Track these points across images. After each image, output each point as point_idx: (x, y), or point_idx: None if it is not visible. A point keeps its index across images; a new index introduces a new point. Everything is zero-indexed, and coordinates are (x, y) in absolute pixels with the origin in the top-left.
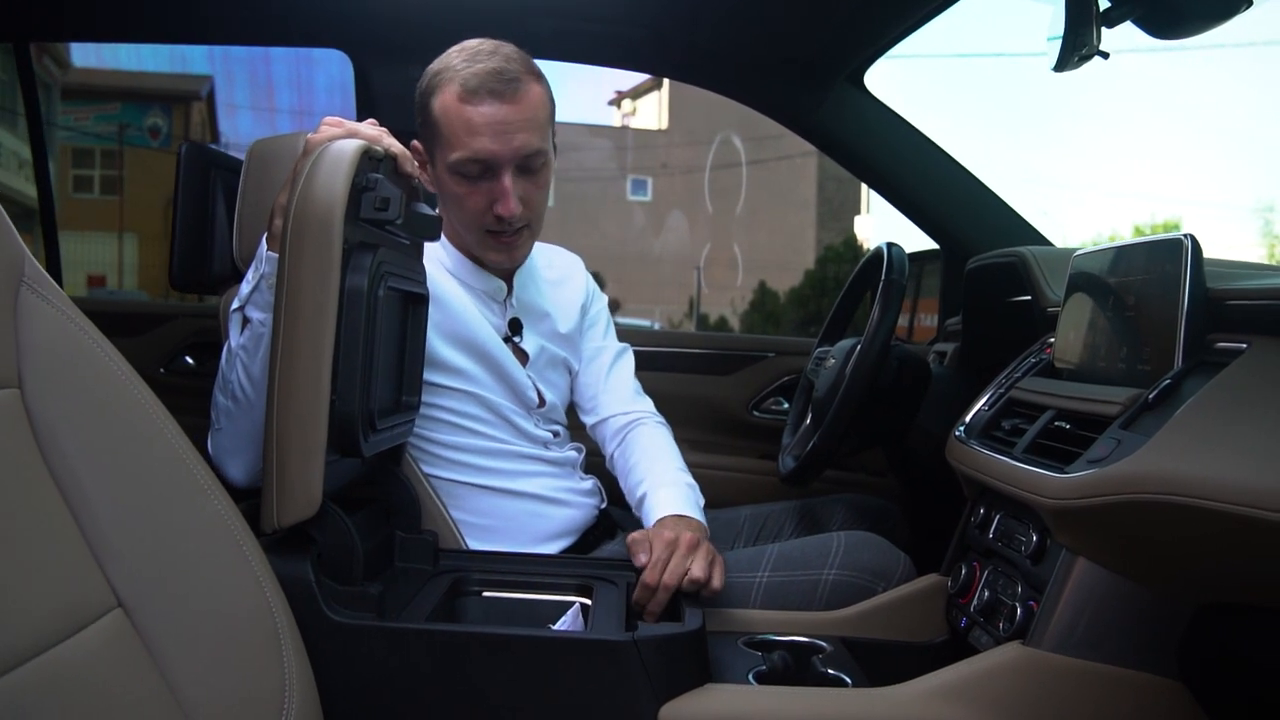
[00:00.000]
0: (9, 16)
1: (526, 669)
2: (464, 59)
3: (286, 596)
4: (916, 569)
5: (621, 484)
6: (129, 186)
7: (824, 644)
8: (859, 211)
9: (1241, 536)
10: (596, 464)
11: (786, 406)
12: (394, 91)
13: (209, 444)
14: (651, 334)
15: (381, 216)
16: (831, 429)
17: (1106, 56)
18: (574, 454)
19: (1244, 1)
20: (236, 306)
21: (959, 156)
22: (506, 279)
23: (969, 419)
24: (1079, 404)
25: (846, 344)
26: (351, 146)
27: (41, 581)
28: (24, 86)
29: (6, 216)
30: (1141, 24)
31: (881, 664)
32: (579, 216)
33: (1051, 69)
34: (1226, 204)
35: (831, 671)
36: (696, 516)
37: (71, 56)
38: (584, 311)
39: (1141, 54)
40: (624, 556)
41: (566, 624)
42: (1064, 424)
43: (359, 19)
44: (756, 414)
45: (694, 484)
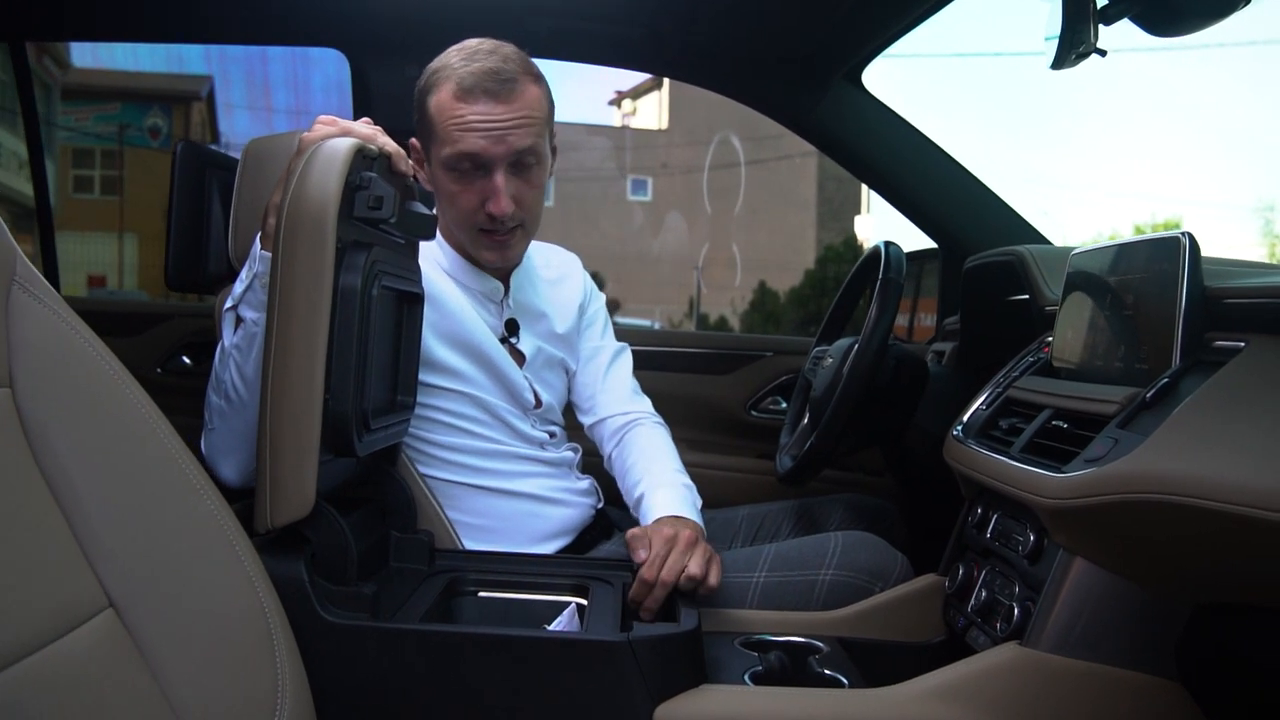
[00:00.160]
0: (5, 16)
1: (521, 670)
2: (462, 58)
3: (280, 597)
4: (914, 569)
5: (619, 484)
6: (129, 187)
7: (820, 644)
8: (859, 211)
9: (1239, 536)
10: (594, 464)
11: (784, 406)
12: (391, 91)
13: (202, 444)
14: (649, 333)
15: (375, 215)
16: (829, 428)
17: (1104, 54)
18: (570, 454)
19: None
20: (230, 306)
21: (959, 156)
22: (503, 279)
23: (966, 418)
24: (1076, 403)
25: (844, 343)
26: (345, 145)
27: (32, 581)
28: (20, 86)
29: None
30: (1139, 21)
31: (878, 664)
32: (579, 216)
33: (1049, 67)
34: (1227, 204)
35: (828, 672)
36: (693, 518)
37: (71, 57)
38: (581, 311)
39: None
40: (621, 556)
41: (562, 624)
42: (1061, 423)
43: (356, 18)
44: (754, 413)
45: (691, 485)
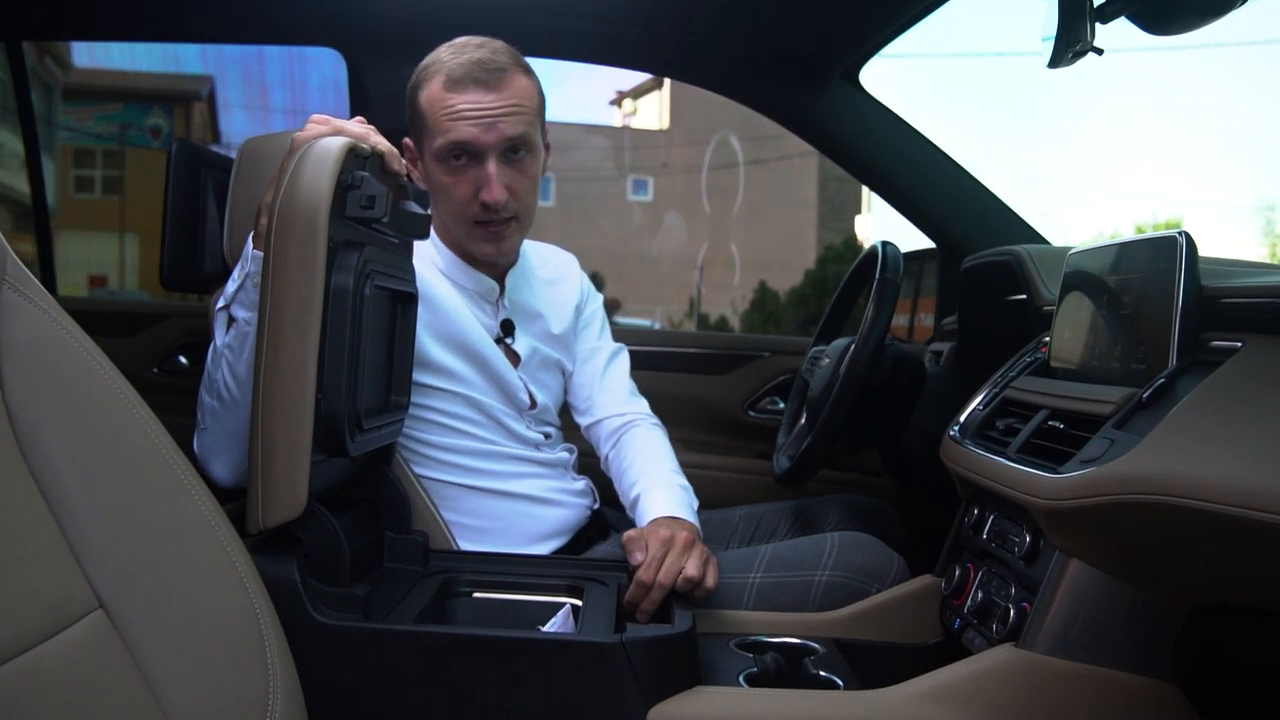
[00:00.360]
0: (2, 15)
1: (513, 671)
2: (451, 52)
3: (271, 597)
4: (912, 569)
5: (615, 485)
6: (130, 187)
7: (816, 646)
8: (860, 211)
9: (1235, 537)
10: (590, 464)
11: (782, 406)
12: (388, 90)
13: (195, 443)
14: (647, 333)
15: (367, 214)
16: (825, 429)
17: (1100, 53)
18: (566, 455)
19: None
20: (222, 305)
21: (959, 156)
22: (499, 279)
23: (963, 419)
24: (1073, 403)
25: (841, 343)
26: (337, 144)
27: (20, 582)
28: (17, 85)
29: None
30: (1136, 20)
31: (874, 666)
32: (579, 217)
33: (1046, 66)
34: (1228, 204)
35: (823, 674)
36: (690, 519)
37: (73, 57)
38: (578, 312)
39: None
40: (617, 557)
41: (557, 625)
42: (1058, 424)
43: (353, 17)
44: (752, 414)
45: (688, 486)
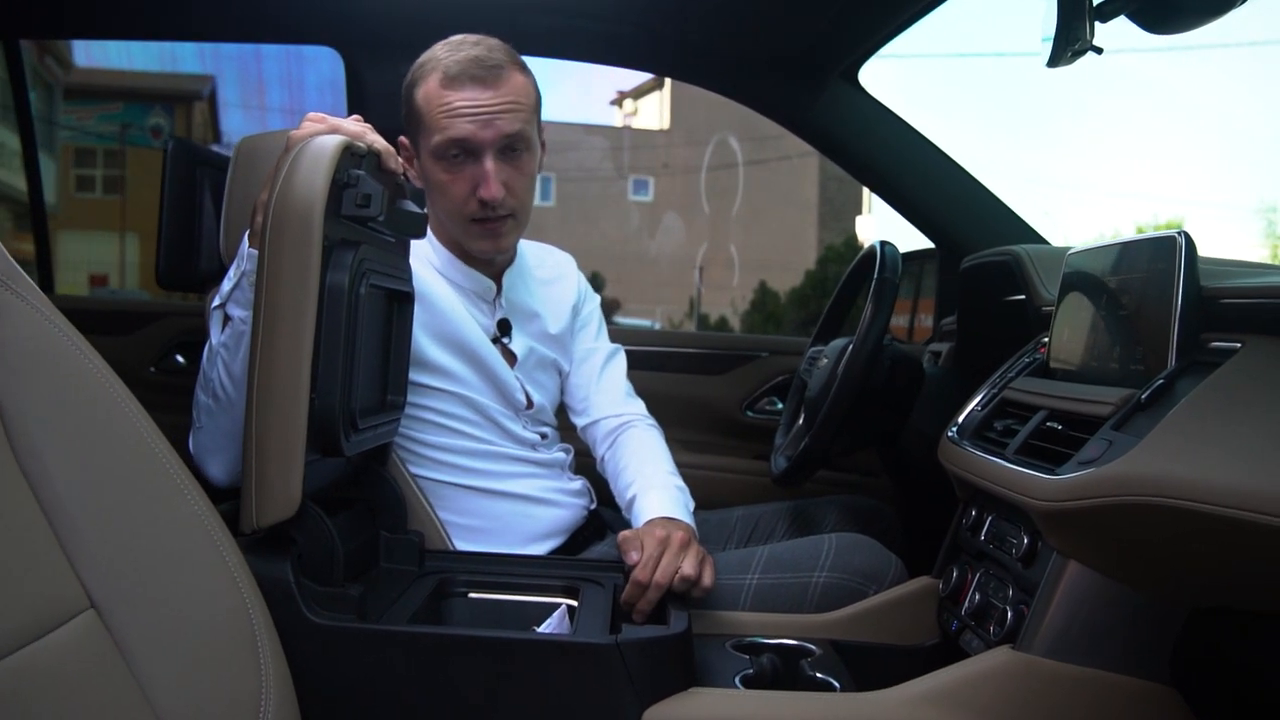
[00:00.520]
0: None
1: (507, 672)
2: (447, 50)
3: (265, 597)
4: (910, 571)
5: (611, 486)
6: (131, 186)
7: (813, 647)
8: (860, 211)
9: (1233, 539)
10: (587, 464)
11: (780, 406)
12: (385, 89)
13: (190, 443)
14: (645, 333)
15: (363, 213)
16: (823, 429)
17: (1100, 52)
18: (562, 455)
19: None
20: (217, 304)
21: (959, 156)
22: (496, 279)
23: (961, 419)
24: (1071, 404)
25: (839, 343)
26: (332, 142)
27: (11, 581)
28: (14, 84)
29: None
30: (1135, 18)
31: (871, 667)
32: (580, 217)
33: (1045, 65)
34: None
35: (820, 675)
36: (686, 520)
37: (74, 56)
38: (575, 312)
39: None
40: (613, 558)
41: (552, 626)
42: (1056, 425)
43: (350, 16)
44: (750, 414)
45: (684, 487)
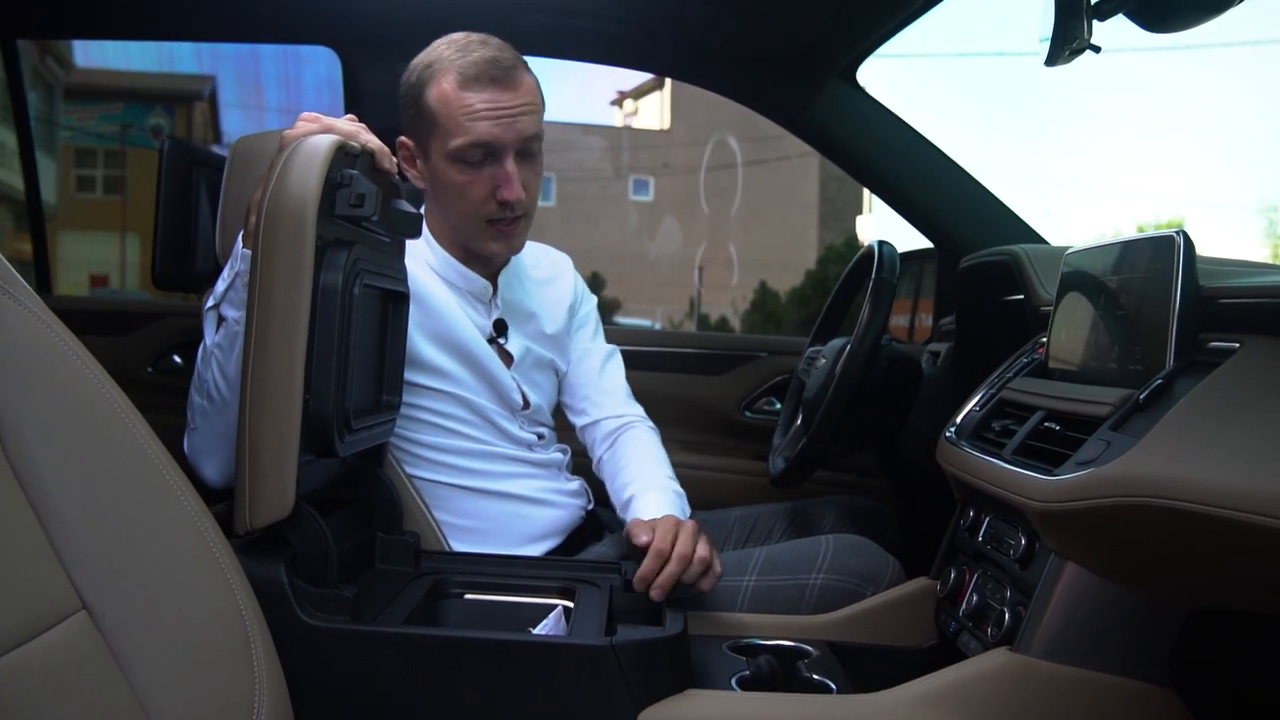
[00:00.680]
0: None
1: (501, 673)
2: (455, 50)
3: (258, 599)
4: (908, 571)
5: (608, 486)
6: (132, 186)
7: (810, 649)
8: (861, 211)
9: (1231, 541)
10: (584, 465)
11: (778, 407)
12: (382, 88)
13: (185, 444)
14: (643, 333)
15: (357, 213)
16: (821, 430)
17: (1098, 50)
18: (559, 455)
19: None
20: (211, 304)
21: (959, 157)
22: (491, 279)
23: (959, 420)
24: (1069, 405)
25: (838, 343)
26: (326, 142)
27: (2, 582)
28: (11, 84)
29: None
30: (1133, 17)
31: (869, 668)
32: (580, 217)
33: (1044, 64)
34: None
35: (817, 677)
36: None
37: (74, 56)
38: (572, 312)
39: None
40: (610, 559)
41: (548, 627)
42: (1054, 425)
43: (347, 16)
44: (748, 414)
45: (682, 493)
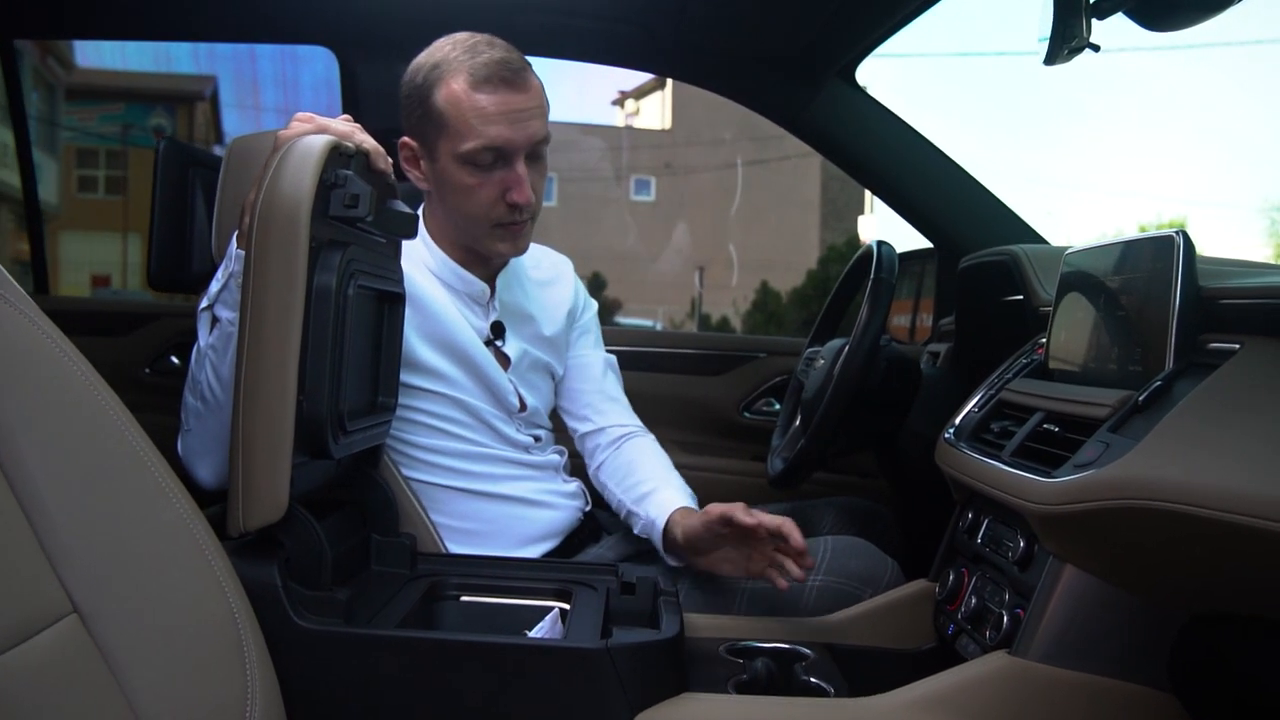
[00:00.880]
0: None
1: (496, 677)
2: (463, 51)
3: (251, 601)
4: (907, 573)
5: (616, 483)
6: (133, 187)
7: (807, 651)
8: (863, 211)
9: (1231, 544)
10: (581, 466)
11: (777, 408)
12: (380, 89)
13: (179, 445)
14: (642, 333)
15: (351, 214)
16: (819, 431)
17: (1097, 49)
18: (556, 457)
19: None
20: (205, 305)
21: (959, 156)
22: (490, 281)
23: (958, 421)
24: (1068, 406)
25: (836, 344)
26: (319, 142)
27: None
28: (9, 84)
29: None
30: (1133, 16)
31: (867, 671)
32: (581, 217)
33: (1043, 63)
34: (1233, 204)
35: (814, 680)
36: None
37: (75, 57)
38: (572, 318)
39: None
40: (606, 561)
41: (544, 630)
42: (1053, 427)
43: (344, 16)
44: (747, 415)
45: (694, 495)
